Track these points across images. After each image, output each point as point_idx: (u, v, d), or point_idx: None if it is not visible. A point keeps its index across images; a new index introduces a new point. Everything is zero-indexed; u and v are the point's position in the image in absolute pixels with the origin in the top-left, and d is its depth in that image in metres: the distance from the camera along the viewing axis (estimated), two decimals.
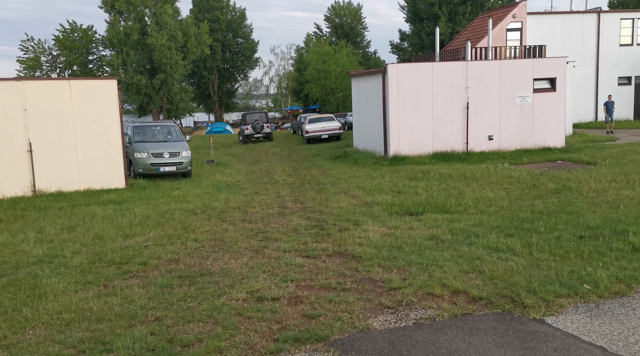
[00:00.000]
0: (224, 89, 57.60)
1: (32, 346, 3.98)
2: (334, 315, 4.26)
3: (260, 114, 30.41)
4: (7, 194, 13.09)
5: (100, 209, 11.41)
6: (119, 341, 3.87)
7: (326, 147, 23.78)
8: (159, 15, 44.50)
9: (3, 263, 7.13)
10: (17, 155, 13.21)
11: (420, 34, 48.49)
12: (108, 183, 14.22)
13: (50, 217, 10.78)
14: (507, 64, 17.59)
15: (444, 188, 11.57)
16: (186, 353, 3.69)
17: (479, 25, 27.45)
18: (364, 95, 19.54)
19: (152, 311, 4.58)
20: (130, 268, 6.40)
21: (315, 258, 6.32)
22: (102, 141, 14.13)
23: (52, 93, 13.56)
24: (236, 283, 5.38)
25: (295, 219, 9.29)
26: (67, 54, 45.18)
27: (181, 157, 16.14)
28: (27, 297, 5.34)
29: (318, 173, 16.52)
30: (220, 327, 4.12)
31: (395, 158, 16.96)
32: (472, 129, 17.40)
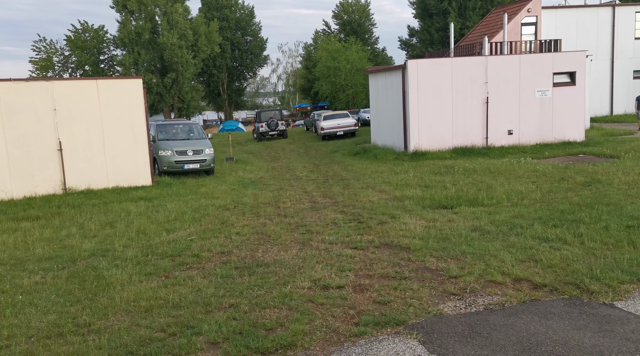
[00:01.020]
0: (233, 87, 57.83)
1: (122, 330, 4.17)
2: (404, 301, 4.43)
3: (275, 112, 30.60)
4: (39, 192, 13.34)
5: (133, 206, 11.62)
6: (205, 325, 4.06)
7: (343, 144, 23.93)
8: (169, 14, 44.74)
9: (57, 256, 7.35)
10: (48, 154, 13.44)
11: (430, 29, 48.43)
12: (135, 181, 14.43)
13: (86, 213, 11.00)
14: (527, 58, 17.64)
15: (471, 182, 11.69)
16: (272, 336, 3.87)
17: (493, 20, 27.45)
18: (382, 91, 19.65)
19: (225, 299, 4.76)
20: (185, 260, 6.59)
21: (363, 249, 6.49)
22: (129, 139, 14.34)
23: (80, 93, 13.78)
24: (295, 273, 5.56)
25: (330, 213, 9.45)
26: (79, 54, 45.52)
27: (204, 155, 16.34)
28: (96, 287, 5.54)
29: (339, 169, 16.67)
30: (297, 313, 4.30)
31: (415, 153, 17.08)
32: (492, 124, 17.49)
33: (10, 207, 12.06)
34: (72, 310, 4.81)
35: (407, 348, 3.54)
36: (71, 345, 3.97)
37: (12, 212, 11.41)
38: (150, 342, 3.91)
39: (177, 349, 3.76)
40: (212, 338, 3.91)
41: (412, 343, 3.62)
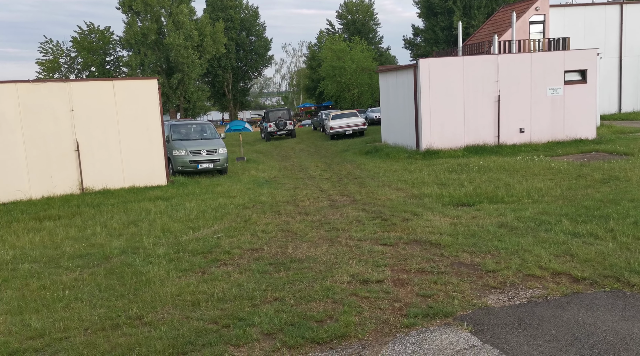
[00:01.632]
0: (238, 87, 57.98)
1: (175, 322, 4.28)
2: (447, 294, 4.53)
3: (283, 111, 30.72)
4: (57, 192, 13.46)
5: (152, 205, 11.72)
6: (257, 317, 4.17)
7: (352, 143, 24.02)
8: (175, 15, 44.90)
9: (89, 254, 7.46)
10: (66, 154, 13.56)
11: (435, 28, 48.47)
12: (150, 181, 14.54)
13: (107, 213, 11.11)
14: (538, 56, 17.71)
15: (488, 180, 11.77)
16: (325, 327, 3.97)
17: (500, 18, 27.50)
18: (393, 90, 19.73)
19: (268, 293, 4.87)
20: (217, 257, 6.70)
21: (393, 245, 6.58)
22: (144, 139, 14.45)
23: (96, 94, 13.90)
24: (331, 268, 5.65)
25: (351, 211, 9.54)
26: (85, 55, 45.72)
27: (218, 154, 16.44)
28: (136, 283, 5.65)
29: (352, 168, 16.76)
30: (343, 305, 4.40)
31: (428, 152, 17.16)
32: (503, 122, 17.56)
33: (31, 206, 12.19)
34: (119, 304, 4.93)
35: (459, 338, 3.64)
36: (129, 336, 4.08)
37: (34, 212, 11.54)
38: (206, 333, 4.01)
39: (235, 339, 3.87)
40: (266, 329, 4.02)
41: (464, 333, 3.72)
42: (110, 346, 3.92)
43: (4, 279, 6.34)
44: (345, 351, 3.60)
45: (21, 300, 5.36)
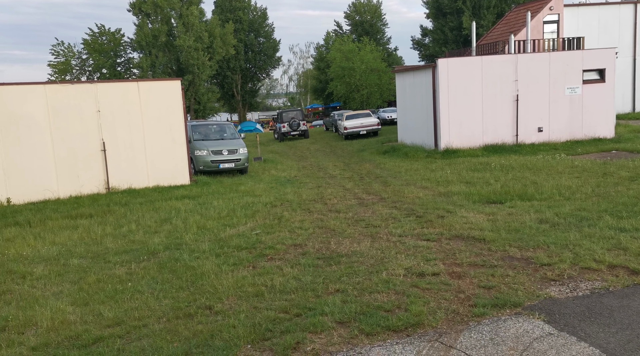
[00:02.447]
0: (246, 89, 58.20)
1: (246, 312, 4.42)
2: (508, 286, 4.65)
3: (296, 112, 30.89)
4: (84, 191, 13.65)
5: (179, 204, 11.87)
6: (326, 307, 4.30)
7: (368, 143, 24.14)
8: (185, 17, 45.16)
9: (132, 250, 7.61)
10: (92, 154, 13.74)
11: (444, 29, 48.53)
12: (174, 180, 14.71)
13: (137, 211, 11.27)
14: (557, 55, 17.77)
15: (513, 178, 11.85)
16: (396, 316, 4.10)
17: (514, 18, 27.55)
18: (410, 90, 19.84)
19: (328, 284, 5.00)
20: (263, 252, 6.83)
21: (436, 241, 6.69)
22: (168, 139, 14.61)
23: (122, 95, 14.07)
24: (381, 262, 5.77)
25: (382, 209, 9.65)
26: (96, 57, 46.05)
27: (239, 154, 16.60)
28: (191, 276, 5.79)
29: (372, 167, 16.88)
30: (406, 296, 4.52)
31: (447, 151, 17.25)
32: (522, 121, 17.63)
33: (60, 205, 12.37)
34: (183, 295, 5.07)
35: (534, 327, 3.76)
36: (206, 324, 4.22)
37: (65, 210, 11.71)
38: (280, 321, 4.15)
39: (311, 327, 4.00)
40: (338, 318, 4.15)
41: (537, 322, 3.84)
42: (191, 333, 4.06)
43: (58, 273, 6.50)
44: (422, 338, 3.72)
45: (82, 293, 5.52)
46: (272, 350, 3.71)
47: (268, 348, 3.74)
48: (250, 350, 3.73)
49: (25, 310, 5.02)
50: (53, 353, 3.92)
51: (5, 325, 4.60)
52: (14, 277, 6.46)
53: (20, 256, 7.72)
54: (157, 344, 3.88)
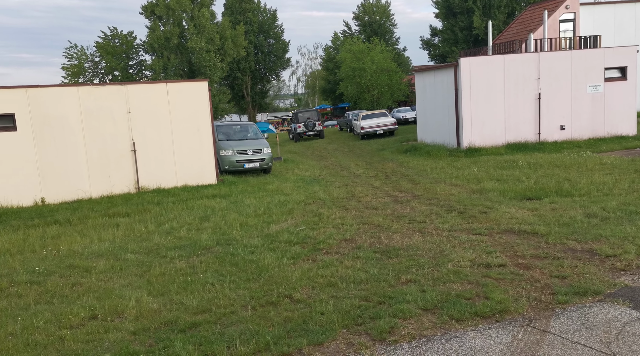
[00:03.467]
0: (256, 90, 58.47)
1: (327, 300, 4.57)
2: (580, 276, 4.78)
3: (312, 112, 31.07)
4: (116, 191, 13.86)
5: (212, 202, 12.03)
6: (408, 295, 4.44)
7: (386, 142, 24.26)
8: (196, 19, 45.47)
9: (184, 246, 7.77)
10: (123, 155, 13.95)
11: (454, 28, 48.58)
12: (201, 180, 14.89)
13: (172, 210, 11.43)
14: (579, 54, 17.86)
15: (544, 176, 11.94)
16: (481, 303, 4.24)
17: (529, 17, 27.62)
18: (430, 89, 19.96)
19: (399, 275, 5.13)
20: (316, 246, 6.97)
21: (488, 235, 6.81)
22: (195, 139, 14.80)
23: (151, 96, 14.28)
24: (441, 255, 5.91)
25: (419, 206, 9.77)
26: (109, 59, 46.43)
27: (263, 154, 16.76)
28: (255, 269, 5.95)
29: (395, 166, 16.99)
30: (481, 286, 4.66)
31: (469, 149, 17.36)
32: (544, 119, 17.72)
33: (95, 204, 12.58)
34: (255, 286, 5.23)
35: (621, 312, 3.89)
36: (292, 311, 4.38)
37: (100, 209, 11.90)
38: (366, 308, 4.30)
39: (399, 313, 4.16)
40: (422, 306, 4.30)
41: (623, 308, 3.98)
42: (282, 319, 4.22)
43: (120, 267, 6.67)
44: (513, 323, 3.87)
45: (154, 284, 5.68)
46: (369, 333, 3.86)
47: (363, 331, 3.90)
48: (347, 334, 3.88)
49: (104, 300, 5.19)
50: (155, 336, 4.09)
51: (94, 314, 4.77)
52: (78, 271, 6.64)
53: (74, 252, 7.90)
54: (254, 328, 4.03)
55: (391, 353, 3.52)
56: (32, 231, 10.00)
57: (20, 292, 5.81)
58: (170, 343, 3.84)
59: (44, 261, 7.35)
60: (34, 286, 6.00)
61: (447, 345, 3.59)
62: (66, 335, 4.22)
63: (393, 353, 3.53)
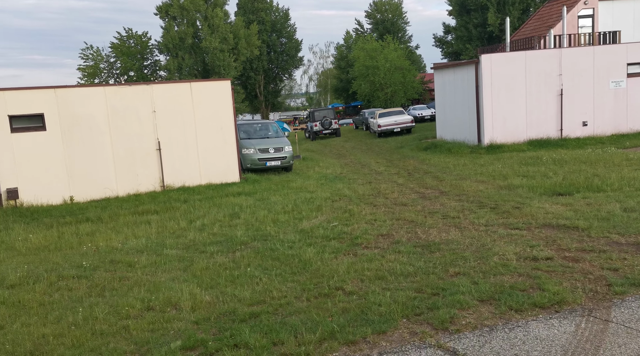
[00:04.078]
0: (269, 89, 58.67)
1: (380, 292, 4.64)
2: (632, 268, 4.79)
3: (328, 111, 31.15)
4: (142, 189, 14.04)
5: (238, 200, 12.15)
6: (461, 287, 4.50)
7: (404, 140, 24.25)
8: (210, 19, 45.74)
9: (220, 242, 7.88)
10: (149, 153, 14.13)
11: (468, 25, 48.29)
12: (225, 178, 15.02)
13: (200, 207, 11.56)
14: (601, 49, 17.71)
15: (571, 172, 11.88)
16: (537, 294, 4.28)
17: (547, 13, 27.41)
18: (450, 87, 19.92)
19: (448, 268, 5.18)
20: (354, 241, 7.03)
21: (526, 229, 6.83)
22: (219, 138, 14.93)
23: (175, 95, 14.44)
24: (483, 248, 5.94)
25: (449, 202, 9.79)
26: (124, 60, 46.91)
27: (284, 152, 16.86)
28: (298, 263, 6.03)
29: (416, 163, 16.99)
30: (532, 278, 4.70)
31: (491, 146, 17.30)
32: (566, 115, 17.60)
33: (123, 202, 12.76)
34: (303, 279, 5.31)
35: None
36: (346, 303, 4.47)
37: (129, 207, 12.08)
38: (422, 300, 4.37)
39: (457, 304, 4.22)
40: (477, 297, 4.36)
41: None
42: (339, 310, 4.30)
43: (162, 262, 6.80)
44: (573, 313, 3.90)
45: (201, 278, 5.79)
46: (429, 323, 3.93)
47: (424, 321, 3.96)
48: (407, 323, 3.95)
49: (156, 293, 5.31)
50: (217, 326, 4.19)
51: (149, 306, 4.89)
52: (122, 266, 6.78)
53: (112, 248, 8.05)
54: (313, 318, 4.12)
55: (457, 342, 3.58)
56: (65, 228, 10.19)
57: (70, 286, 5.95)
58: (237, 332, 3.94)
59: (85, 257, 7.51)
60: (82, 280, 6.14)
61: (511, 334, 3.65)
62: (129, 325, 4.34)
63: (458, 341, 3.59)
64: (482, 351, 3.43)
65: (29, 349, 3.99)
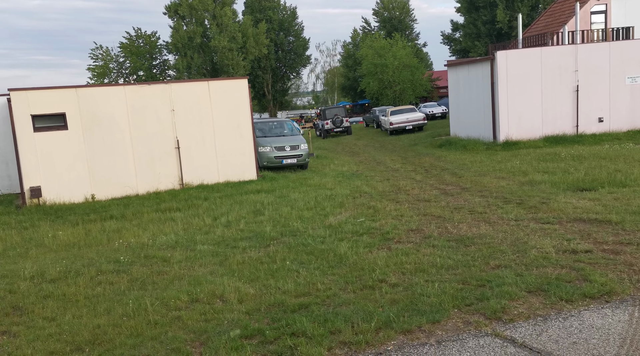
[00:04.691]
0: (277, 88, 58.76)
1: (425, 284, 4.71)
2: None
3: (339, 109, 31.20)
4: (161, 188, 14.17)
5: (259, 197, 12.22)
6: (506, 279, 4.56)
7: (416, 137, 24.26)
8: (219, 18, 45.87)
9: (249, 237, 7.95)
10: (168, 152, 14.25)
11: (477, 22, 48.16)
12: (242, 176, 15.11)
13: (221, 205, 11.65)
14: (617, 45, 17.66)
15: (592, 167, 11.87)
16: (586, 285, 4.34)
17: (559, 9, 27.30)
18: (464, 83, 19.92)
19: (488, 261, 5.24)
20: (385, 236, 7.09)
21: (558, 224, 6.86)
22: (236, 136, 15.03)
23: (193, 94, 14.55)
24: (520, 242, 5.99)
25: (472, 197, 9.82)
26: (134, 59, 47.16)
27: (300, 150, 16.93)
28: (334, 257, 6.10)
29: (432, 160, 17.02)
30: (576, 270, 4.76)
31: (507, 143, 17.30)
32: (582, 112, 17.57)
33: (144, 200, 12.88)
34: (342, 272, 5.41)
35: None
36: (393, 294, 4.56)
37: (151, 205, 12.19)
38: (469, 290, 4.44)
39: (506, 295, 4.29)
40: (524, 288, 4.43)
41: None
42: (387, 300, 4.38)
43: (196, 257, 6.89)
44: (625, 303, 3.96)
45: (237, 272, 5.87)
46: (482, 313, 4.00)
47: (476, 311, 4.03)
48: (459, 313, 4.02)
49: (198, 286, 5.40)
50: (269, 316, 4.27)
51: (195, 298, 4.98)
52: (157, 261, 6.87)
53: (143, 244, 8.15)
54: (364, 308, 4.20)
55: (513, 330, 3.65)
56: (91, 226, 10.32)
57: (110, 280, 6.06)
58: (292, 321, 4.02)
59: (118, 252, 7.62)
60: (121, 274, 6.25)
61: (566, 323, 3.71)
62: (181, 315, 4.43)
63: (514, 330, 3.66)
64: (540, 339, 3.49)
65: (87, 338, 4.09)
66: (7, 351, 3.98)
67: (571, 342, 3.43)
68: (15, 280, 6.19)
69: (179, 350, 3.75)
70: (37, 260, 7.60)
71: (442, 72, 62.37)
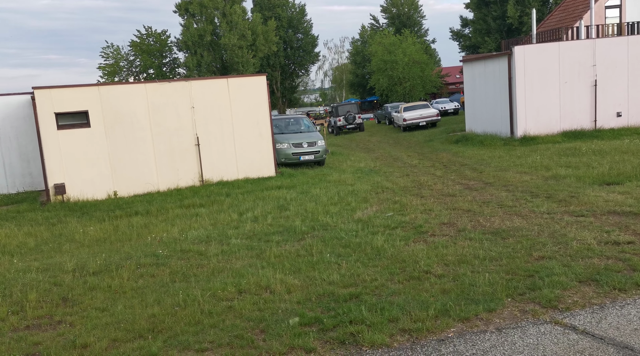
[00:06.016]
0: (286, 85, 58.86)
1: (471, 275, 4.76)
2: None
3: (352, 105, 31.20)
4: (182, 184, 14.28)
5: (281, 193, 12.27)
6: (555, 269, 4.61)
7: (431, 133, 24.25)
8: (229, 16, 45.99)
9: (280, 232, 8.01)
10: (188, 148, 14.35)
11: (487, 18, 47.95)
12: (261, 172, 15.18)
13: (244, 201, 11.71)
14: (635, 39, 17.54)
15: (615, 162, 11.82)
16: (635, 275, 4.37)
17: (572, 4, 27.13)
18: (480, 79, 19.87)
19: (532, 252, 5.28)
20: (419, 229, 7.13)
21: (592, 217, 6.87)
22: (255, 133, 15.10)
23: (213, 91, 14.63)
24: (558, 234, 6.01)
25: (497, 192, 9.83)
26: (144, 58, 47.40)
27: (317, 146, 16.98)
28: (371, 250, 6.15)
29: (450, 156, 17.01)
30: (622, 260, 4.79)
31: (524, 138, 17.25)
32: (600, 106, 17.49)
33: (166, 197, 12.98)
34: (384, 264, 5.45)
35: None
36: (441, 284, 4.62)
37: (173, 201, 12.29)
38: (519, 281, 4.49)
39: (558, 284, 4.35)
40: (575, 277, 4.48)
41: None
42: (438, 291, 4.44)
43: (231, 251, 6.96)
44: None
45: (277, 265, 5.94)
46: (537, 302, 4.05)
47: (530, 300, 4.08)
48: (514, 303, 4.08)
49: (241, 277, 5.47)
50: (321, 306, 4.34)
51: (241, 289, 5.05)
52: (193, 254, 6.96)
53: (174, 239, 8.24)
54: (417, 298, 4.26)
55: (571, 318, 3.69)
56: (118, 221, 10.43)
57: (151, 273, 6.15)
58: (347, 310, 4.09)
59: (151, 246, 7.71)
60: (161, 267, 6.34)
61: (624, 311, 3.75)
62: (234, 305, 4.51)
63: (573, 318, 3.70)
64: (600, 326, 3.54)
65: (146, 326, 4.17)
66: (69, 338, 4.07)
67: (632, 329, 3.47)
68: (57, 274, 6.30)
69: (241, 336, 3.83)
70: (73, 254, 7.71)
71: (450, 68, 62.28)
